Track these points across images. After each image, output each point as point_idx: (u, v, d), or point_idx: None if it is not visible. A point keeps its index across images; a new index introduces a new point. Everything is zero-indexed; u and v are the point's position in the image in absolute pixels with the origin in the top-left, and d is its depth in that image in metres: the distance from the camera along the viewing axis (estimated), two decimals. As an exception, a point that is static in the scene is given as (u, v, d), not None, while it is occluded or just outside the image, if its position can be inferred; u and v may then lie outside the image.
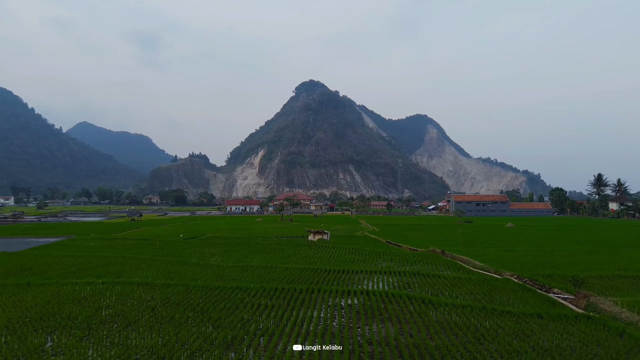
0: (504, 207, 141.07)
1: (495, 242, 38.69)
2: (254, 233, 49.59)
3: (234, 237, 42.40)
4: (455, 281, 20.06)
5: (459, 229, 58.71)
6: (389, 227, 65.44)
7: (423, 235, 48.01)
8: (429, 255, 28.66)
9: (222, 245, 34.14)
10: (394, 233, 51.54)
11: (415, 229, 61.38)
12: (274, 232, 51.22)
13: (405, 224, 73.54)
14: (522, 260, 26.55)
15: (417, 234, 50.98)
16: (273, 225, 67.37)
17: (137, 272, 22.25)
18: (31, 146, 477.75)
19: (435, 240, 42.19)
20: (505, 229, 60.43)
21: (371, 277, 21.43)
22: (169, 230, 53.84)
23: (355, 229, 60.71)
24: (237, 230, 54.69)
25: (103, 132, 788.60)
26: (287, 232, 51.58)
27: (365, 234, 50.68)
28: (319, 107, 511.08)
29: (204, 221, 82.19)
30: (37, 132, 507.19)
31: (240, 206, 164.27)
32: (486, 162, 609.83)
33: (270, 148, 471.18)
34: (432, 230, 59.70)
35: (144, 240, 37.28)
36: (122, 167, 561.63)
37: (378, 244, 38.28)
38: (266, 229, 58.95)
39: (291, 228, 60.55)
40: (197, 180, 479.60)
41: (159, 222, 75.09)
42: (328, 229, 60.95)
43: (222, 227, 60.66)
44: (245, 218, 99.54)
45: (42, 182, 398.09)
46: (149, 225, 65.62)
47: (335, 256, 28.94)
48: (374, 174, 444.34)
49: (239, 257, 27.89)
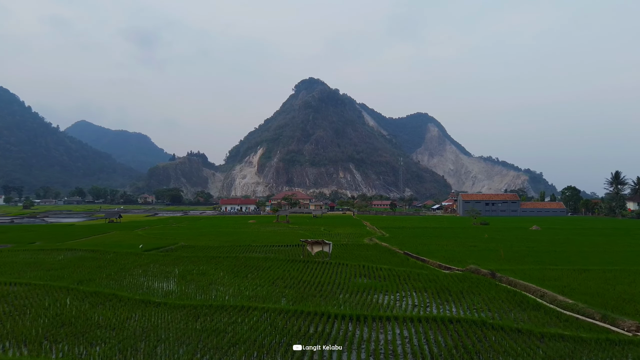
0: (515, 207, 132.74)
1: (547, 255, 29.98)
2: (240, 240, 40.96)
3: (212, 248, 33.73)
4: (562, 348, 11.33)
5: (484, 234, 50.12)
6: (399, 230, 56.87)
7: (444, 243, 39.36)
8: (474, 280, 20.02)
9: (190, 261, 25.49)
10: (408, 239, 42.95)
11: (429, 233, 52.78)
12: (264, 239, 42.67)
13: (415, 227, 64.99)
14: (620, 290, 17.89)
15: (436, 240, 42.32)
16: (266, 229, 58.77)
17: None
18: (27, 144, 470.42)
19: (462, 249, 33.64)
20: (537, 234, 51.79)
21: (405, 329, 12.86)
22: (140, 237, 45.18)
23: (361, 233, 52.18)
24: (221, 235, 46.06)
25: (101, 131, 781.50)
26: (280, 239, 43.01)
27: (375, 240, 42.05)
28: (318, 104, 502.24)
29: (190, 223, 73.60)
30: (34, 131, 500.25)
31: (236, 206, 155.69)
32: (487, 160, 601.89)
33: (269, 146, 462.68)
34: (449, 234, 51.11)
35: (91, 253, 28.72)
36: (119, 165, 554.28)
37: (395, 257, 29.61)
38: (257, 233, 50.36)
39: (286, 233, 52.00)
40: (195, 179, 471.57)
41: (137, 225, 66.41)
42: (329, 232, 52.16)
43: (205, 232, 51.98)
44: (239, 219, 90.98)
45: (38, 180, 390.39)
46: (123, 229, 56.99)
47: (342, 281, 20.22)
48: (375, 173, 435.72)
49: (202, 284, 19.23)
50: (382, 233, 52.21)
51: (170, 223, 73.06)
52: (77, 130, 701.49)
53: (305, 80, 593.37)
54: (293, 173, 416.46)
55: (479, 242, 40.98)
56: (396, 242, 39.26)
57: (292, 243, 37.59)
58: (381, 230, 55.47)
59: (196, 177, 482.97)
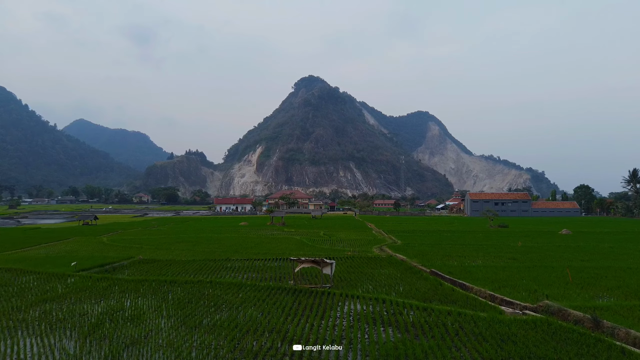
0: (526, 207, 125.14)
1: (626, 275, 22.10)
2: (220, 250, 33.05)
3: (176, 263, 25.85)
4: None
5: (512, 240, 42.28)
6: (410, 235, 49.00)
7: (474, 255, 31.41)
8: (574, 339, 12.08)
9: (129, 290, 17.63)
10: (427, 249, 34.95)
11: (446, 239, 44.85)
12: (250, 248, 34.79)
13: (426, 230, 57.15)
14: None
15: (461, 250, 34.34)
16: (257, 233, 50.86)
17: None
18: (24, 143, 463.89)
19: (503, 265, 25.80)
20: (573, 240, 43.80)
21: None
22: (102, 245, 37.32)
23: (367, 239, 44.35)
24: (200, 243, 38.16)
25: (100, 130, 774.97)
26: (270, 248, 35.17)
27: (387, 251, 34.11)
28: (318, 102, 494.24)
29: (175, 225, 65.70)
30: (31, 129, 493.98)
31: (231, 205, 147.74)
32: (489, 159, 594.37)
33: (268, 145, 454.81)
34: (471, 240, 43.25)
35: (6, 272, 21.01)
36: (117, 164, 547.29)
37: (421, 279, 21.65)
38: (244, 239, 42.42)
39: (278, 238, 44.10)
40: (193, 178, 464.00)
41: (115, 227, 58.37)
42: (329, 238, 44.15)
43: (183, 238, 43.91)
44: (231, 220, 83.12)
45: (34, 179, 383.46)
46: (92, 234, 49.05)
47: (353, 336, 12.27)
48: (376, 172, 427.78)
49: (116, 348, 11.33)
50: (392, 239, 44.36)
51: (153, 225, 65.25)
52: (76, 129, 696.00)
53: (305, 78, 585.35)
54: (292, 172, 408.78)
55: (515, 252, 33.15)
56: (414, 253, 31.35)
57: (283, 255, 29.68)
58: (390, 236, 47.53)
59: (194, 176, 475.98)
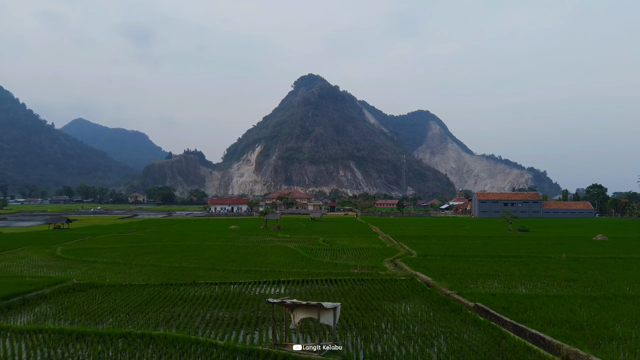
0: (537, 207, 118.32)
1: None
2: (189, 270, 25.07)
3: (121, 289, 18.79)
4: None
5: (551, 250, 35.22)
6: (423, 242, 41.91)
7: (516, 273, 24.14)
8: None
9: (34, 345, 10.79)
10: (452, 263, 27.45)
11: (468, 247, 37.64)
12: (231, 262, 27.58)
13: (440, 236, 49.95)
14: None
15: (496, 266, 26.64)
16: (247, 239, 43.79)
17: None
18: (20, 142, 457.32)
19: (572, 294, 18.90)
20: (615, 248, 36.70)
21: None
22: (52, 257, 30.38)
23: (375, 248, 37.32)
24: (172, 255, 30.90)
25: (98, 129, 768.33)
26: (255, 262, 28.17)
27: (403, 267, 26.85)
28: (318, 101, 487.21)
29: (157, 229, 58.70)
30: (28, 128, 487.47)
31: (226, 206, 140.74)
32: (490, 159, 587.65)
33: (267, 144, 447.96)
34: (498, 248, 36.32)
35: None
36: (115, 164, 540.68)
37: (467, 324, 14.36)
38: (226, 251, 34.81)
39: (268, 249, 36.90)
40: (192, 177, 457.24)
41: (89, 231, 51.09)
42: (330, 246, 37.11)
43: (156, 248, 36.27)
44: (221, 223, 76.09)
45: (30, 179, 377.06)
46: (50, 242, 42.08)
47: None
48: (376, 171, 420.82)
49: None
50: (405, 248, 37.26)
51: (132, 230, 58.38)
52: (74, 128, 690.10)
53: (305, 77, 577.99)
54: (292, 171, 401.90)
55: (563, 267, 26.22)
56: (439, 271, 24.19)
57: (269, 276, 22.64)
58: (402, 244, 40.26)
59: (193, 176, 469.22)
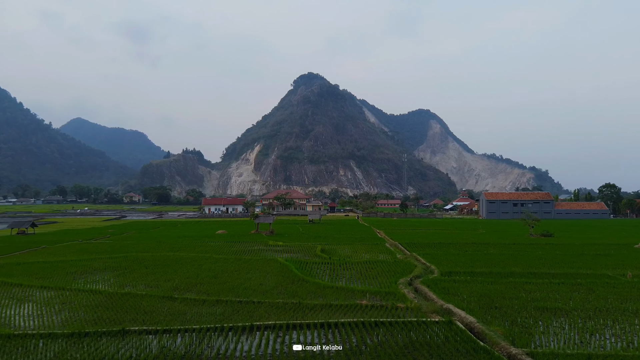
0: (548, 208, 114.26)
1: None
2: (136, 300, 16.77)
3: (16, 340, 14.06)
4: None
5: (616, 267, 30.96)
6: (440, 251, 33.85)
7: (578, 306, 13.39)
8: None
9: None
10: (490, 286, 20.43)
11: (497, 259, 29.52)
12: (198, 285, 20.08)
13: (456, 243, 41.35)
14: None
15: (545, 289, 19.77)
16: (231, 249, 38.82)
17: None
18: (17, 141, 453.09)
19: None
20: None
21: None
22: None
23: (385, 261, 27.38)
24: (128, 273, 24.10)
25: (97, 128, 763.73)
26: (233, 287, 22.14)
27: (427, 294, 18.62)
28: (318, 100, 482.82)
29: (134, 235, 54.08)
30: (25, 127, 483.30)
31: (221, 206, 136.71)
32: (491, 158, 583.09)
33: (266, 143, 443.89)
34: (532, 260, 28.02)
35: None
36: (113, 163, 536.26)
37: None
38: (199, 267, 25.61)
39: (254, 263, 30.63)
40: (190, 177, 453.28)
41: (42, 240, 45.52)
42: (329, 259, 30.09)
43: (112, 262, 28.29)
44: (209, 226, 71.92)
45: (27, 178, 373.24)
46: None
47: None
48: (377, 171, 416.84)
49: None
50: (420, 260, 29.11)
51: (105, 234, 54.15)
52: (73, 127, 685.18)
53: (304, 75, 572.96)
54: (291, 170, 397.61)
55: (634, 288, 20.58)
56: (477, 301, 17.44)
57: (240, 319, 18.44)
58: (416, 255, 31.69)
59: (191, 175, 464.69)
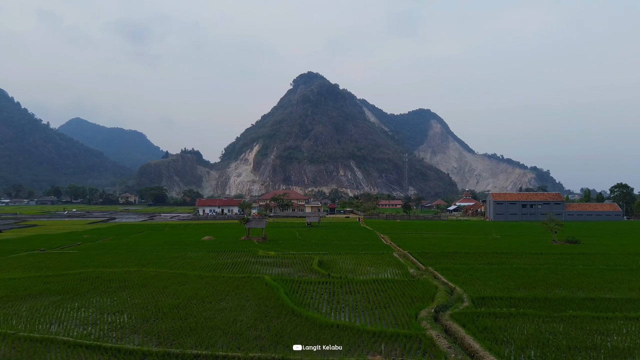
0: (559, 210, 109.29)
1: None
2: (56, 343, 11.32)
3: None
4: None
5: None
6: (459, 264, 28.21)
7: None
8: None
9: None
10: (545, 322, 14.55)
11: (536, 277, 21.03)
12: (144, 328, 14.33)
13: (473, 252, 31.28)
14: None
15: (621, 334, 13.38)
16: (212, 262, 32.69)
17: None
18: (14, 141, 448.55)
19: None
20: None
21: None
22: None
23: (396, 280, 20.60)
24: (70, 298, 19.17)
25: (96, 128, 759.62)
26: (197, 325, 14.25)
27: (459, 336, 13.14)
28: (317, 99, 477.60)
29: (111, 242, 49.02)
30: (22, 127, 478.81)
31: (216, 207, 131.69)
32: (492, 158, 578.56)
33: (265, 143, 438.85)
34: (587, 283, 17.94)
35: None
36: (111, 163, 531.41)
37: None
38: (162, 290, 18.83)
39: (234, 288, 27.04)
40: (189, 177, 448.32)
41: (20, 244, 41.84)
42: (329, 273, 25.10)
43: (54, 284, 18.14)
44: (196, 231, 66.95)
45: (24, 179, 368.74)
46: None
47: None
48: (377, 171, 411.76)
49: None
50: (440, 278, 22.62)
51: (78, 241, 49.18)
52: (71, 127, 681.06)
53: (304, 75, 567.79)
54: (290, 171, 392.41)
55: None
56: (541, 355, 11.66)
57: None
58: (433, 271, 26.53)
59: (190, 175, 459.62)
